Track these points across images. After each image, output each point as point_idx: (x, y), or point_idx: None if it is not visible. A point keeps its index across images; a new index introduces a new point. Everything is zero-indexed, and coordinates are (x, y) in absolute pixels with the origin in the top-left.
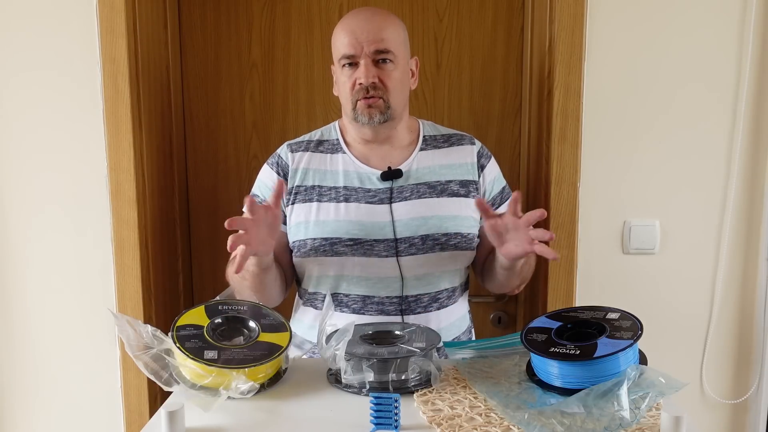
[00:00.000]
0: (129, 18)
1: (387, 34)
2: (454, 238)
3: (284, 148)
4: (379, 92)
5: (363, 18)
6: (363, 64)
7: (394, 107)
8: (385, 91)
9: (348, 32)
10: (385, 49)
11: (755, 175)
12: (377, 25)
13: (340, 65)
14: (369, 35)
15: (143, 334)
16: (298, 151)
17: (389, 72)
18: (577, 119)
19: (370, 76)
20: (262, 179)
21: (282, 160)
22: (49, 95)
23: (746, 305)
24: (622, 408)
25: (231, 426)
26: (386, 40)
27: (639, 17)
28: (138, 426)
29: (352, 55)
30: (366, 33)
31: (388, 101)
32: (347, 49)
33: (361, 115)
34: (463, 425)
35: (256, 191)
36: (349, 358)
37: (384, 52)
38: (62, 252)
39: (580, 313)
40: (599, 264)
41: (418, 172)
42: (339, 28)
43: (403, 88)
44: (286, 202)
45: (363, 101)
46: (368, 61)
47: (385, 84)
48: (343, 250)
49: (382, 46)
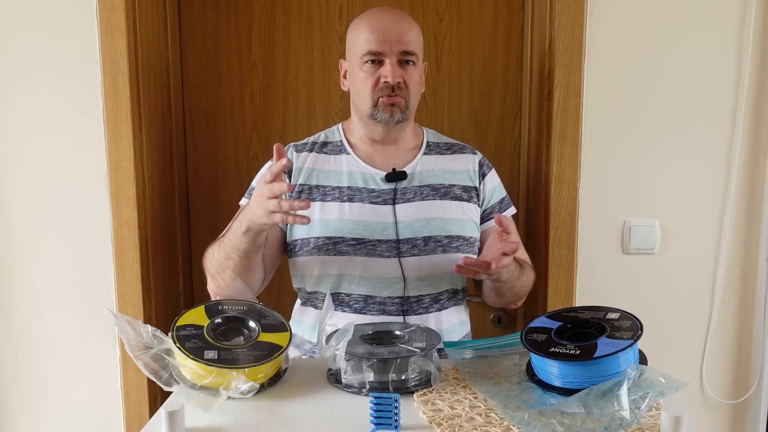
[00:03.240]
0: (129, 18)
1: (413, 35)
2: (456, 240)
3: (290, 148)
4: (402, 92)
5: (391, 18)
6: (389, 63)
7: (411, 108)
8: (407, 92)
9: (375, 30)
10: (411, 50)
11: (755, 175)
12: (405, 27)
13: (361, 61)
14: (397, 35)
15: (143, 334)
16: (303, 151)
17: (411, 74)
18: (577, 119)
19: (397, 76)
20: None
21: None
22: (49, 95)
23: (746, 305)
24: (622, 408)
25: (231, 426)
26: (412, 42)
27: (639, 17)
28: (138, 426)
29: (379, 52)
30: (395, 33)
31: (408, 102)
32: (374, 45)
33: (381, 113)
34: (463, 425)
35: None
36: (349, 358)
37: (410, 54)
38: (62, 252)
39: (580, 313)
40: (599, 264)
41: (422, 175)
42: (363, 24)
43: (419, 91)
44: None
45: (386, 98)
46: (394, 61)
47: (407, 85)
48: (346, 250)
49: (409, 48)
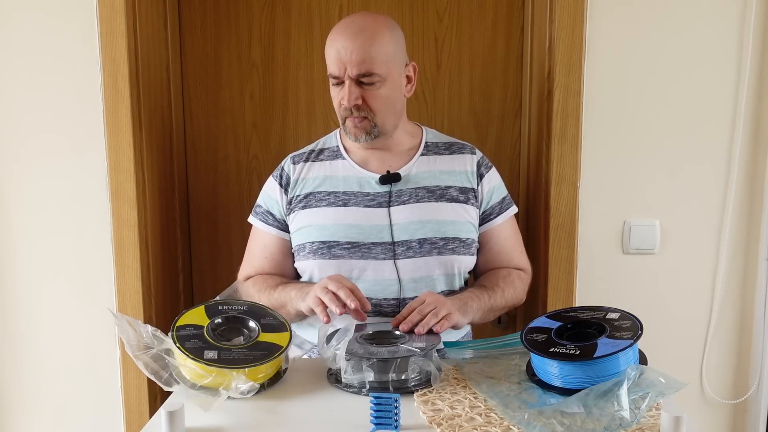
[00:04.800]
0: (129, 18)
1: (373, 53)
2: (452, 242)
3: (288, 161)
4: (362, 113)
5: (349, 35)
6: (347, 85)
7: (381, 125)
8: (370, 111)
9: (334, 50)
10: (367, 72)
11: (755, 174)
12: (361, 45)
13: (330, 80)
14: (353, 56)
15: (143, 334)
16: (300, 162)
17: (374, 93)
18: (577, 119)
19: (353, 99)
20: (267, 191)
21: (285, 172)
22: (49, 95)
23: (746, 305)
24: (622, 408)
25: (231, 426)
26: (369, 61)
27: (639, 17)
28: (138, 426)
29: (336, 75)
30: (350, 53)
31: (373, 121)
32: (332, 68)
33: (348, 134)
34: (463, 425)
35: (260, 202)
36: (349, 357)
37: (367, 75)
38: (62, 252)
39: (580, 313)
40: (599, 264)
41: (418, 177)
42: (328, 41)
43: (392, 103)
44: (288, 211)
45: (350, 120)
46: (351, 83)
47: (369, 105)
48: (341, 253)
49: (364, 69)
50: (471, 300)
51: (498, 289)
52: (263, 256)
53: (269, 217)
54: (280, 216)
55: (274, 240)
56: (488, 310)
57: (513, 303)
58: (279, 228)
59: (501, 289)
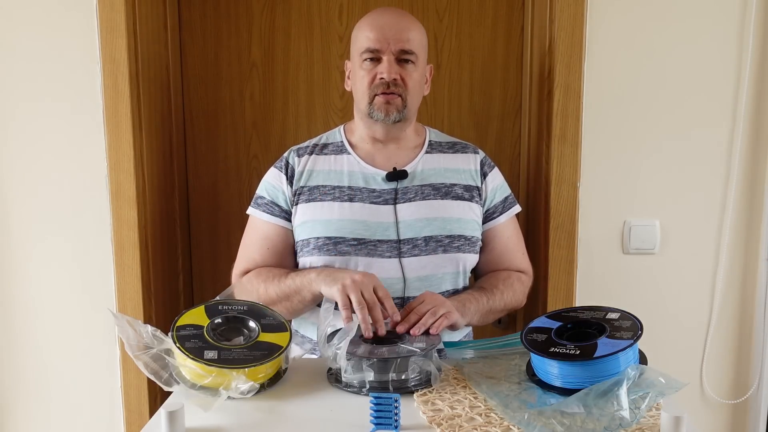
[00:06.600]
0: (129, 18)
1: (412, 36)
2: (458, 240)
3: (291, 153)
4: (399, 89)
5: (391, 16)
6: (386, 60)
7: (409, 107)
8: (405, 89)
9: (374, 27)
10: (410, 49)
11: (755, 175)
12: (405, 25)
13: (360, 59)
14: (396, 33)
15: (143, 334)
16: (304, 155)
17: (410, 72)
18: (577, 119)
19: (393, 72)
20: (269, 180)
21: (289, 163)
22: (49, 95)
23: (746, 305)
24: (622, 408)
25: (231, 426)
26: (411, 41)
27: (639, 17)
28: (138, 426)
29: (376, 49)
30: (393, 31)
31: (406, 100)
32: (372, 43)
33: (377, 111)
34: (463, 425)
35: (263, 193)
36: (349, 357)
37: (408, 53)
38: (62, 252)
39: (580, 313)
40: (599, 264)
41: (423, 174)
42: (364, 23)
43: (420, 90)
44: (291, 203)
45: (382, 96)
46: (392, 58)
47: (405, 82)
48: (346, 250)
49: (407, 46)
50: (469, 302)
51: (497, 291)
52: (265, 247)
53: (275, 208)
54: (286, 206)
55: (277, 231)
56: (486, 313)
57: (512, 306)
58: (285, 218)
59: (500, 292)
